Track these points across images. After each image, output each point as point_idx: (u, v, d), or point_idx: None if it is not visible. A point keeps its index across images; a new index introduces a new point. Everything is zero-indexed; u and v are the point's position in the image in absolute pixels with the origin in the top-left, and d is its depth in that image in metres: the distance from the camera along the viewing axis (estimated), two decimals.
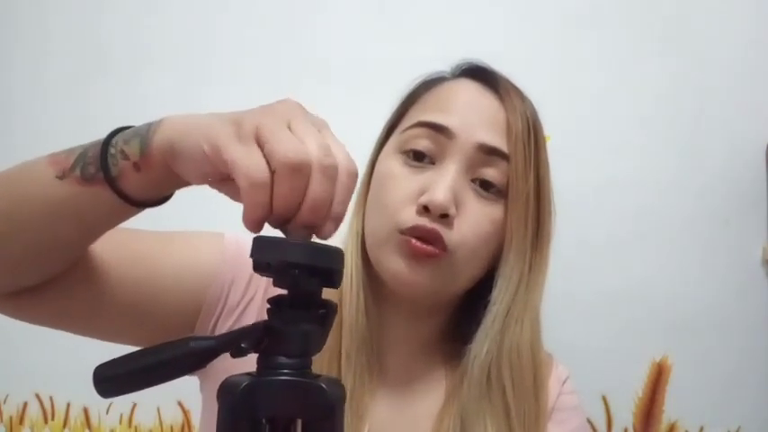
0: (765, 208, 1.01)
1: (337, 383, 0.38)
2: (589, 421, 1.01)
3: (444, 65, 1.06)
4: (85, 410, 1.11)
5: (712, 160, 1.02)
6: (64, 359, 1.12)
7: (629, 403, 1.01)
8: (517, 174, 0.61)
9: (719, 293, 1.00)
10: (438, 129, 0.61)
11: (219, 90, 1.11)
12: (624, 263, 1.02)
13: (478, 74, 0.68)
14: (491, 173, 0.61)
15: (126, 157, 0.44)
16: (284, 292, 0.38)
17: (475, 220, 0.60)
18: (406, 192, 0.60)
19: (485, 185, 0.61)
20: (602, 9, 1.05)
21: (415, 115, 0.64)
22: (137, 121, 0.49)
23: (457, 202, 0.59)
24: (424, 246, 0.58)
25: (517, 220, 0.61)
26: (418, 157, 0.61)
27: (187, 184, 0.44)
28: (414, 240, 0.58)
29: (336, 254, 0.38)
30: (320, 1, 1.11)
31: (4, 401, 1.14)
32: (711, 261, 1.01)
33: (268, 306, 0.39)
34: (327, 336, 0.39)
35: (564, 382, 0.69)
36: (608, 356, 1.01)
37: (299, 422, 0.37)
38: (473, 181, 0.61)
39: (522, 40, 1.07)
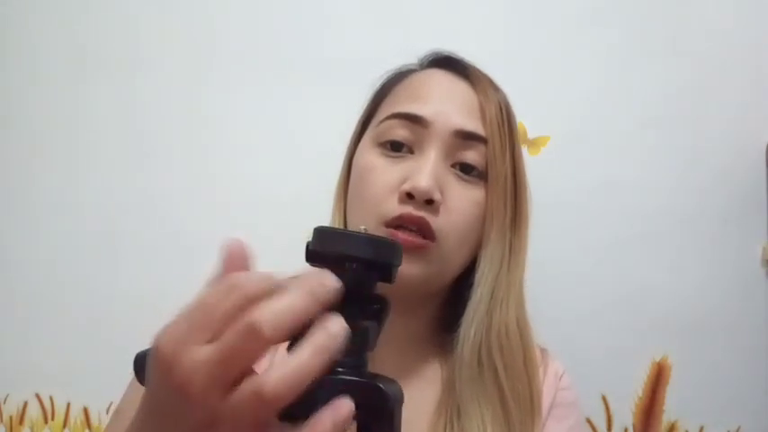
0: (765, 208, 1.01)
1: (395, 383, 0.36)
2: (589, 421, 1.01)
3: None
4: (85, 410, 1.11)
5: (712, 160, 1.02)
6: (64, 359, 1.12)
7: (629, 403, 1.01)
8: (495, 155, 0.62)
9: (719, 293, 1.00)
10: (413, 119, 0.61)
11: (220, 90, 1.11)
12: (624, 263, 1.02)
13: (447, 63, 0.69)
14: (470, 156, 0.61)
15: None
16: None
17: (460, 205, 0.60)
18: (387, 182, 0.60)
19: (465, 169, 0.62)
20: (603, 9, 1.05)
21: (389, 108, 0.64)
22: (135, 123, 0.48)
23: (440, 188, 0.59)
24: (413, 238, 0.58)
25: (497, 201, 0.62)
26: (396, 148, 0.62)
27: None
28: (401, 233, 0.58)
29: (395, 248, 0.37)
30: (323, 1, 1.11)
31: (4, 401, 1.14)
32: (711, 261, 1.01)
33: None
34: (381, 331, 0.37)
35: (561, 378, 0.69)
36: (608, 356, 1.01)
37: (355, 423, 0.35)
38: (453, 166, 0.61)
39: (522, 41, 1.07)
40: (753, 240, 1.01)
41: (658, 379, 1.01)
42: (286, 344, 0.33)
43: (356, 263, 0.35)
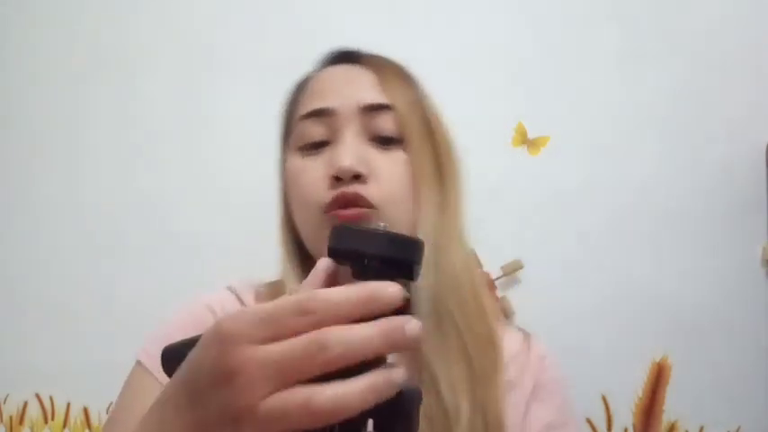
0: (765, 208, 1.01)
1: (413, 383, 0.35)
2: (589, 421, 1.01)
3: (444, 65, 1.07)
4: (85, 410, 1.11)
5: (712, 160, 1.02)
6: (64, 359, 1.12)
7: (629, 403, 1.01)
8: (404, 117, 0.64)
9: (719, 293, 1.00)
10: (320, 113, 0.64)
11: (220, 91, 1.11)
12: (624, 263, 1.02)
13: (341, 57, 0.71)
14: (383, 125, 0.64)
15: None
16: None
17: (387, 171, 0.62)
18: (315, 176, 0.63)
19: (383, 140, 0.64)
20: (603, 10, 1.05)
21: (297, 115, 0.67)
22: (136, 122, 0.48)
23: (365, 162, 0.61)
24: (352, 211, 0.60)
25: (419, 159, 0.64)
26: (315, 146, 0.64)
27: None
28: (341, 211, 0.60)
29: (416, 245, 0.36)
30: (323, 1, 1.11)
31: (4, 401, 1.14)
32: (711, 261, 1.01)
33: None
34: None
35: (545, 359, 0.69)
36: (608, 356, 1.01)
37: (371, 422, 0.34)
38: (372, 140, 0.64)
39: (523, 41, 1.07)
40: (753, 240, 1.01)
41: (658, 379, 1.01)
42: None
43: (376, 261, 0.34)
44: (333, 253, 0.37)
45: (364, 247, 0.35)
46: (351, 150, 0.61)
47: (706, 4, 1.04)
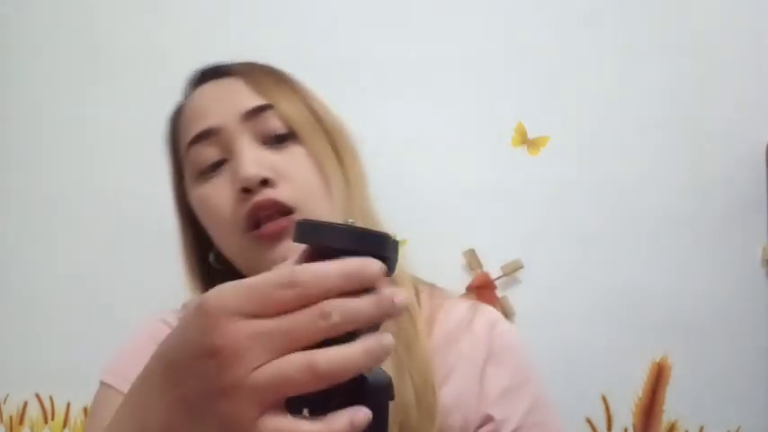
0: (765, 208, 1.01)
1: (384, 375, 0.36)
2: (589, 421, 1.01)
3: (444, 65, 1.07)
4: (85, 410, 1.11)
5: (712, 160, 1.02)
6: (64, 359, 1.12)
7: (629, 403, 1.01)
8: (287, 110, 0.64)
9: (719, 293, 1.00)
10: (205, 135, 0.64)
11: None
12: (624, 263, 1.02)
13: (205, 76, 0.71)
14: (270, 125, 0.63)
15: None
16: None
17: (292, 169, 0.62)
18: (223, 196, 0.62)
19: (277, 139, 0.64)
20: (603, 9, 1.05)
21: (183, 143, 0.67)
22: (137, 123, 0.49)
23: (268, 167, 0.61)
24: (274, 225, 0.59)
25: (315, 147, 0.64)
26: (213, 168, 0.64)
27: None
28: (263, 228, 0.60)
29: (386, 239, 0.35)
30: (325, 1, 1.11)
31: (4, 401, 1.14)
32: (711, 261, 1.01)
33: None
34: (378, 329, 0.37)
35: (495, 326, 0.68)
36: (608, 356, 1.01)
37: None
38: (265, 143, 0.63)
39: (523, 41, 1.07)
40: (753, 240, 1.01)
41: (658, 379, 1.01)
42: None
43: (342, 255, 0.34)
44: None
45: (329, 242, 0.34)
46: (249, 158, 0.60)
47: (706, 4, 1.04)
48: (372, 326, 0.34)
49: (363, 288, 0.33)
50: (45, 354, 1.13)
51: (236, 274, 0.66)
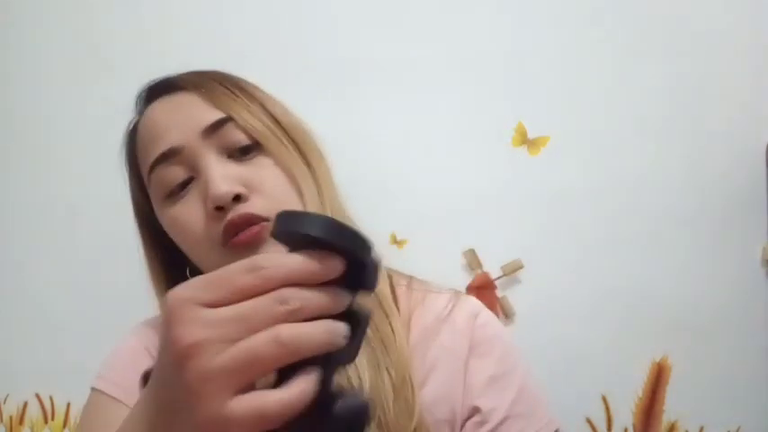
0: (765, 208, 1.01)
1: (360, 399, 0.35)
2: (589, 421, 1.01)
3: (444, 65, 1.07)
4: None
5: (712, 160, 1.02)
6: (64, 359, 1.12)
7: (629, 403, 1.01)
8: (246, 122, 0.63)
9: (719, 293, 1.00)
10: (167, 155, 0.62)
11: None
12: (624, 263, 1.02)
13: (155, 92, 0.69)
14: (232, 138, 0.62)
15: None
16: None
17: (261, 180, 0.62)
18: (195, 217, 0.61)
19: (242, 151, 0.63)
20: (603, 10, 1.05)
21: (145, 164, 0.66)
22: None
23: (237, 181, 0.60)
24: (246, 232, 0.59)
25: (280, 153, 0.63)
26: (181, 187, 0.63)
27: None
28: (236, 237, 0.59)
29: (365, 241, 0.34)
30: (325, 1, 1.11)
31: (4, 401, 1.14)
32: (711, 261, 1.01)
33: None
34: (359, 346, 0.36)
35: (476, 317, 0.67)
36: (608, 356, 1.01)
37: None
38: (231, 157, 0.62)
39: (523, 41, 1.07)
40: (753, 240, 1.01)
41: (658, 379, 1.01)
42: None
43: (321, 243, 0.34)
44: (277, 239, 0.36)
45: (304, 229, 0.34)
46: (218, 175, 0.59)
47: (706, 4, 1.04)
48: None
49: (323, 281, 0.33)
50: (45, 354, 1.13)
51: None
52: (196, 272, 0.66)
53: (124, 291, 1.11)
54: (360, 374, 0.58)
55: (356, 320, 0.35)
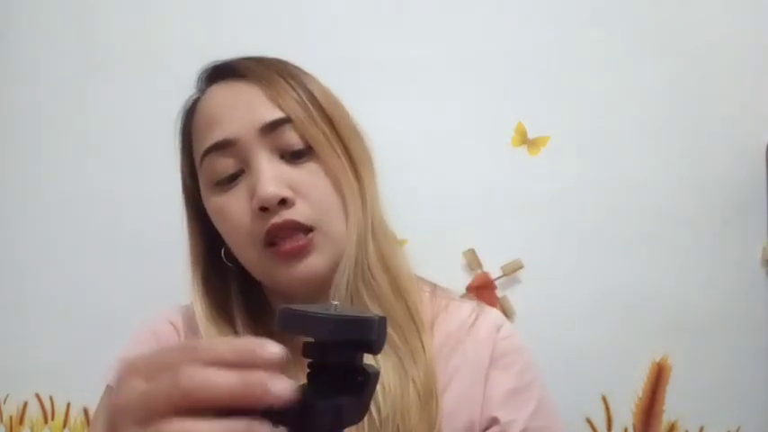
0: (765, 208, 1.01)
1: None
2: (589, 421, 1.01)
3: (444, 65, 1.07)
4: (85, 410, 1.11)
5: (712, 160, 1.02)
6: (64, 359, 1.12)
7: (629, 403, 1.01)
8: (305, 126, 0.63)
9: (720, 293, 1.00)
10: (221, 146, 0.63)
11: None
12: (624, 263, 1.02)
13: (220, 74, 0.69)
14: (289, 140, 0.62)
15: None
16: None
17: (311, 186, 0.62)
18: (240, 211, 0.62)
19: (295, 155, 0.63)
20: (603, 10, 1.05)
21: (198, 147, 0.66)
22: (137, 120, 0.48)
23: (286, 183, 0.61)
24: (294, 243, 0.60)
25: (333, 163, 0.63)
26: (231, 179, 0.63)
27: None
28: (282, 246, 0.60)
29: (370, 323, 0.35)
30: (325, 1, 1.11)
31: (4, 401, 1.15)
32: (711, 261, 1.01)
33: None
34: (368, 405, 0.36)
35: (499, 329, 0.68)
36: (608, 356, 1.01)
37: None
38: (283, 158, 0.63)
39: (523, 41, 1.07)
40: (753, 240, 1.01)
41: (658, 379, 1.01)
42: None
43: (327, 346, 0.34)
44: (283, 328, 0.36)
45: (312, 334, 0.34)
46: (268, 176, 0.60)
47: (706, 5, 1.04)
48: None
49: (261, 368, 0.33)
50: (45, 354, 1.13)
51: (246, 273, 0.66)
52: (230, 255, 0.67)
53: (125, 291, 1.11)
54: (384, 381, 0.59)
55: (366, 377, 0.36)
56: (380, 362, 0.60)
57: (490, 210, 1.05)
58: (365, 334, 0.35)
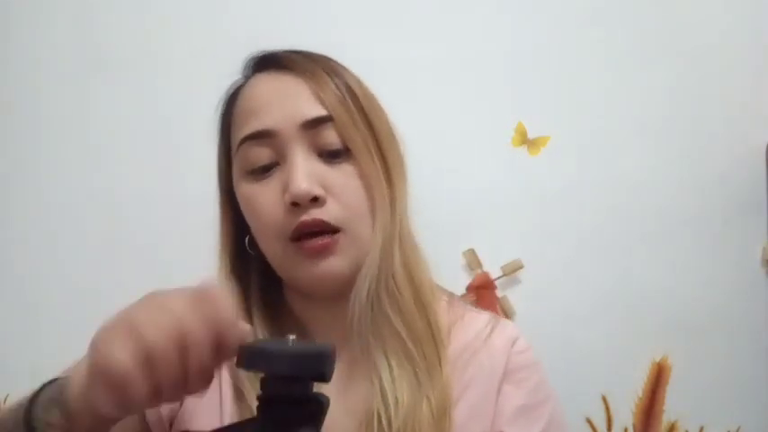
0: (765, 208, 1.01)
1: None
2: (589, 421, 1.01)
3: (444, 65, 1.07)
4: None
5: (712, 160, 1.02)
6: (64, 359, 1.11)
7: (629, 403, 1.01)
8: (346, 127, 0.63)
9: (720, 293, 1.00)
10: (260, 135, 0.63)
11: (221, 90, 1.11)
12: (624, 263, 1.02)
13: (267, 63, 0.69)
14: (328, 139, 0.62)
15: (53, 426, 0.45)
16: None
17: (343, 187, 0.62)
18: (271, 203, 0.62)
19: (331, 154, 0.63)
20: (603, 10, 1.05)
21: (237, 133, 0.66)
22: (137, 121, 0.48)
23: (319, 181, 0.61)
24: (319, 241, 0.60)
25: (368, 167, 0.63)
26: (264, 170, 0.63)
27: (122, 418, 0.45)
28: (307, 242, 0.60)
29: (323, 356, 0.37)
30: (325, 1, 1.11)
31: (4, 401, 1.14)
32: (711, 261, 1.01)
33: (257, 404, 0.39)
34: (319, 428, 0.38)
35: (515, 342, 0.68)
36: (608, 356, 1.01)
37: None
38: (320, 156, 0.63)
39: (523, 41, 1.07)
40: (753, 240, 1.01)
41: (658, 379, 1.01)
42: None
43: (284, 379, 0.36)
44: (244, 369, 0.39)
45: (268, 370, 0.37)
46: (303, 173, 0.60)
47: (706, 5, 1.04)
48: None
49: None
50: (45, 354, 1.13)
51: (267, 269, 0.66)
52: (253, 245, 0.67)
53: (126, 291, 1.11)
54: (397, 395, 0.59)
55: (319, 406, 0.38)
56: (396, 374, 0.60)
57: (490, 210, 1.05)
58: (321, 366, 0.37)
